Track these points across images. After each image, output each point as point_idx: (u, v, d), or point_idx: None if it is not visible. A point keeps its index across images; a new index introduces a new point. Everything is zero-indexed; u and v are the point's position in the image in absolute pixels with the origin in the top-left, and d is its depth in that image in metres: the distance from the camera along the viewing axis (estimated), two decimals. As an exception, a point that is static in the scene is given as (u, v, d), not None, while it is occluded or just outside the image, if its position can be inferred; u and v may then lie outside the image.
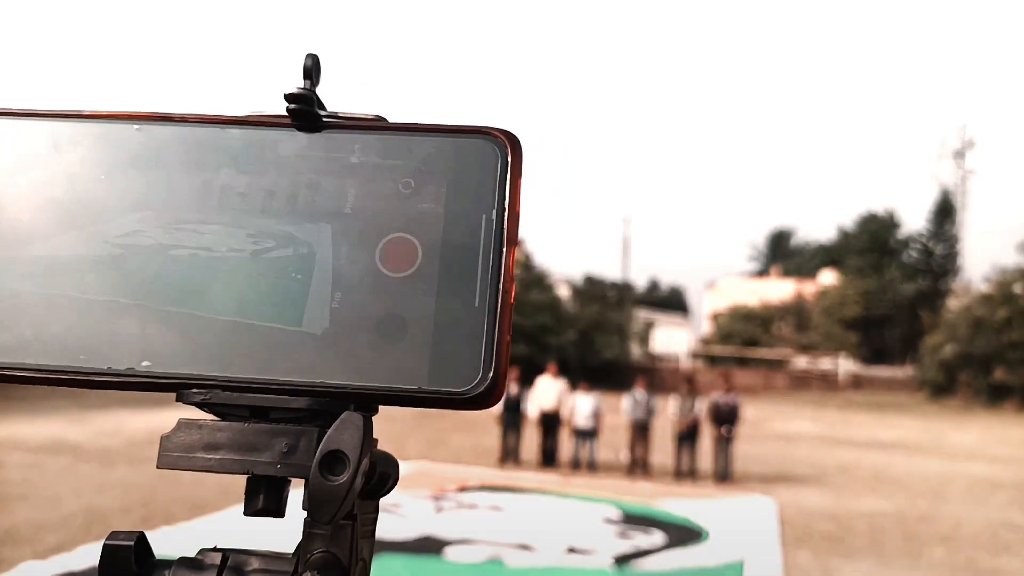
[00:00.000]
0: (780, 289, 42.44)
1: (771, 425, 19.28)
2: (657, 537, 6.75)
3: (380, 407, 0.42)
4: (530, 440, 11.13)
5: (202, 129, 0.44)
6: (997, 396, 29.01)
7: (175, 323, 0.41)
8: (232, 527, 7.29)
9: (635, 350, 36.76)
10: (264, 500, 0.41)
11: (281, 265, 0.41)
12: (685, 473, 10.40)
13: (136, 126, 0.44)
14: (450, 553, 5.77)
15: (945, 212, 43.54)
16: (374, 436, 0.41)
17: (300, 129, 0.43)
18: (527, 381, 11.47)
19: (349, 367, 0.40)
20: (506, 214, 0.41)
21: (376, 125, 0.43)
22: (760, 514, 8.33)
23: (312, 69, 0.44)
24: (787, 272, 51.14)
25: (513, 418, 10.82)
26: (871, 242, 45.03)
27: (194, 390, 0.41)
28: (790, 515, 8.14)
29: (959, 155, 44.23)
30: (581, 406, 10.68)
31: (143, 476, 9.10)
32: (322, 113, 0.43)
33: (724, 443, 10.41)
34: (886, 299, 40.56)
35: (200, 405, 0.41)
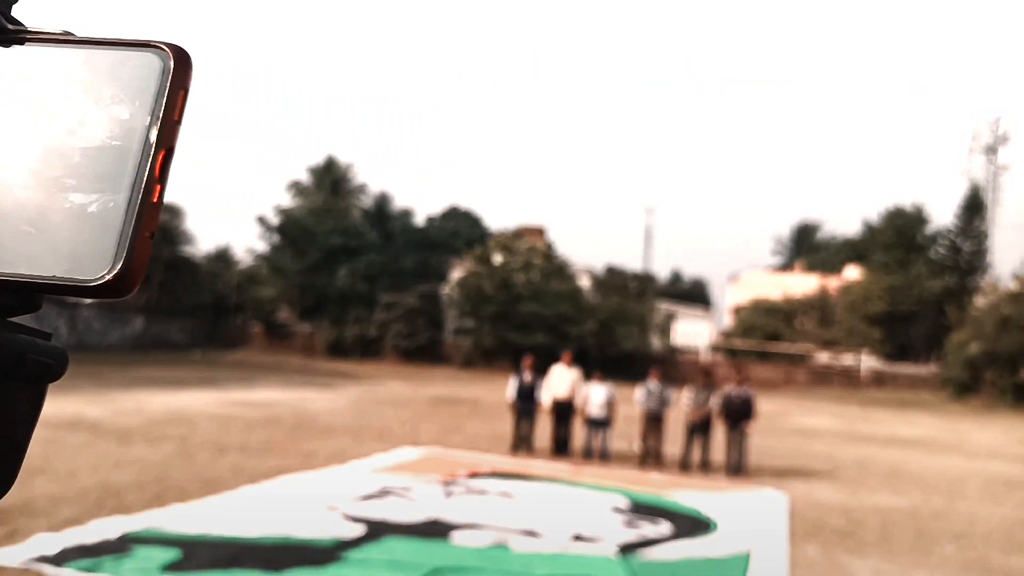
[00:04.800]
0: (804, 283, 42.10)
1: (789, 419, 19.17)
2: (664, 527, 6.77)
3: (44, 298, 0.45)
4: (543, 428, 11.16)
5: None
6: (1022, 395, 28.64)
7: None
8: (242, 507, 7.37)
9: (656, 342, 36.66)
10: None
11: None
12: (696, 465, 10.39)
13: None
14: (456, 537, 5.84)
15: (974, 207, 42.87)
16: (46, 330, 0.46)
17: None
18: (542, 369, 11.48)
19: None
20: (161, 121, 0.45)
21: (60, 39, 0.47)
22: (770, 507, 8.33)
23: None
24: (811, 266, 50.73)
25: (526, 406, 10.85)
26: (897, 237, 44.44)
27: None
28: (801, 509, 8.11)
29: (991, 149, 43.58)
30: (595, 395, 10.70)
31: (159, 454, 9.23)
32: (11, 27, 0.47)
33: (738, 436, 10.39)
34: (911, 295, 40.05)
35: None
